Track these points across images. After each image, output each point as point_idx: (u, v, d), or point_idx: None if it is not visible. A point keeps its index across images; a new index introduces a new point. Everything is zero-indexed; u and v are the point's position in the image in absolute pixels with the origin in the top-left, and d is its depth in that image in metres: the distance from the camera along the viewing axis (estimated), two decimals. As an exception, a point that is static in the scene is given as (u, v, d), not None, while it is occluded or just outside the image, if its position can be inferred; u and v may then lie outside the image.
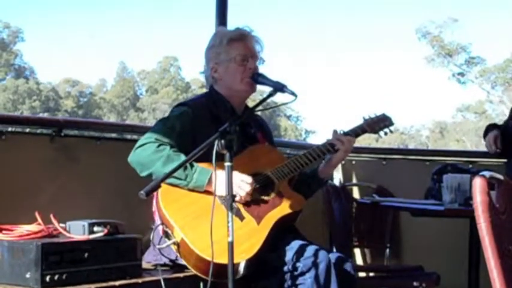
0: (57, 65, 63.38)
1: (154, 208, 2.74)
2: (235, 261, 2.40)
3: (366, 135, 3.19)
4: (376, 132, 3.14)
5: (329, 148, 2.95)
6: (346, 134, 3.01)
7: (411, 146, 40.56)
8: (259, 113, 3.48)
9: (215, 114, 2.86)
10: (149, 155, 2.66)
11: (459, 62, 35.59)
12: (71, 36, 58.97)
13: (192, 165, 2.64)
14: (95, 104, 43.59)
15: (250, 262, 2.58)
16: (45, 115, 33.23)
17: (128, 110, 43.54)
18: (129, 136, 3.69)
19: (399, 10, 60.96)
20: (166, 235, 2.63)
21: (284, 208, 2.79)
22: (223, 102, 2.93)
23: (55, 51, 60.68)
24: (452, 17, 35.15)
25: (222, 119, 2.76)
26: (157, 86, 44.01)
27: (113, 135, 3.69)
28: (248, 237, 2.62)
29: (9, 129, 3.16)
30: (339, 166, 5.14)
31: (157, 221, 2.69)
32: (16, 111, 36.75)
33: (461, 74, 35.77)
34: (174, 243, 2.60)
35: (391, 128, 3.19)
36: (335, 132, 2.99)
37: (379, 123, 3.15)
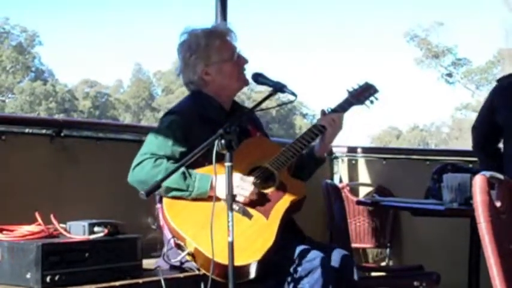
0: (76, 66, 63.83)
1: (162, 222, 2.73)
2: (249, 261, 2.43)
3: (387, 133, 3.20)
4: (362, 102, 3.06)
5: (320, 129, 2.92)
6: (334, 110, 2.97)
7: (432, 143, 40.54)
8: (274, 112, 3.47)
9: (204, 115, 2.83)
10: (148, 171, 2.63)
11: (446, 63, 35.99)
12: (88, 37, 59.21)
13: (190, 174, 2.64)
14: (111, 105, 43.84)
15: (262, 262, 2.54)
16: (61, 116, 33.28)
17: (143, 110, 43.87)
18: (129, 136, 3.69)
19: (388, 14, 61.53)
20: (179, 247, 2.61)
21: (289, 197, 2.77)
22: (210, 101, 2.90)
23: (74, 53, 60.97)
24: (438, 21, 35.78)
25: (212, 117, 2.77)
26: (173, 87, 44.25)
27: (113, 135, 3.69)
28: (260, 234, 2.61)
29: (9, 129, 3.16)
30: (340, 166, 5.15)
31: (168, 235, 2.67)
32: (33, 112, 36.84)
33: (449, 75, 36.14)
34: (188, 253, 2.57)
35: (377, 95, 3.11)
36: (323, 112, 2.96)
37: (363, 93, 3.08)
